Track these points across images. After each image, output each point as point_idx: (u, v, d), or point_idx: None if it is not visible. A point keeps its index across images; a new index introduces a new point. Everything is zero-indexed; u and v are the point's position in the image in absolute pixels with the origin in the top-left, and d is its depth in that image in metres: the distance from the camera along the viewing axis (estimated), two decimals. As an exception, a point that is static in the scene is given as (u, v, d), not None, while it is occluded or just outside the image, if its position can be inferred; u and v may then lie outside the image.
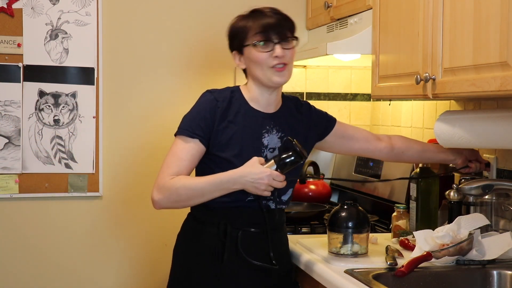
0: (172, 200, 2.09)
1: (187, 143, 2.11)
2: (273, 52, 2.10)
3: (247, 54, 2.14)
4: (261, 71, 2.13)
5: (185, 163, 2.10)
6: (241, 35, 2.14)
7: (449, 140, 2.26)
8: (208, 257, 2.13)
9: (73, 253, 3.19)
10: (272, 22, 2.11)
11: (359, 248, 2.16)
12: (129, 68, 3.22)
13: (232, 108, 2.16)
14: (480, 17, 1.87)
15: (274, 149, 2.17)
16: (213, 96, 2.16)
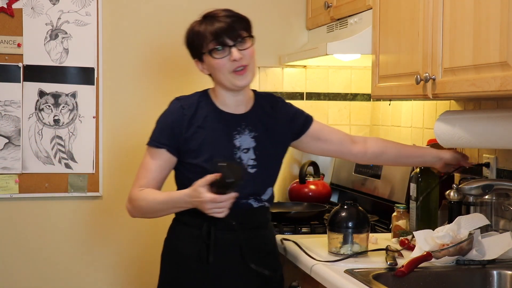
0: (137, 210, 2.17)
1: (155, 154, 2.16)
2: (230, 56, 2.09)
3: (206, 61, 2.15)
4: (222, 76, 2.13)
5: (154, 174, 2.15)
6: (197, 42, 2.14)
7: (449, 140, 2.26)
8: (194, 260, 2.13)
9: (73, 253, 3.19)
10: (223, 26, 2.09)
11: (359, 248, 2.16)
12: (129, 68, 3.22)
13: (200, 113, 2.16)
14: (480, 17, 1.87)
15: (248, 149, 2.16)
16: (180, 103, 2.18)
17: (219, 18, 2.12)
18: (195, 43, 2.15)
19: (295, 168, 3.40)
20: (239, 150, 2.15)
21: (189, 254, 2.14)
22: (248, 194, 2.15)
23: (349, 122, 3.47)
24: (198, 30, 2.14)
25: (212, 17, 2.14)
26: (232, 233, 2.12)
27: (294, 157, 3.41)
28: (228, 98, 2.19)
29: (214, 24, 2.10)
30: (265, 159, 2.19)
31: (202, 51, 2.13)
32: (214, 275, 2.12)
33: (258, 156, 2.17)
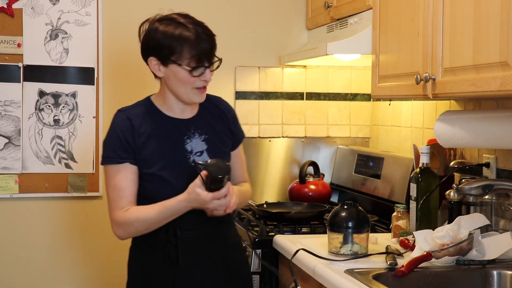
0: (131, 232, 2.13)
1: (120, 170, 2.09)
2: (203, 76, 2.07)
3: (172, 70, 2.08)
4: (183, 90, 2.10)
5: (128, 190, 2.09)
6: (170, 49, 2.05)
7: (449, 140, 2.26)
8: (162, 264, 2.11)
9: (73, 253, 3.19)
10: (207, 48, 2.06)
11: (359, 248, 2.16)
12: (129, 68, 3.22)
13: (147, 121, 2.13)
14: (480, 17, 1.87)
15: (201, 152, 2.15)
16: (125, 115, 2.14)
17: (201, 35, 2.06)
18: (168, 48, 2.06)
19: (295, 168, 3.40)
20: (191, 154, 2.14)
21: (156, 259, 2.12)
22: None
23: (349, 122, 3.47)
24: (174, 35, 2.06)
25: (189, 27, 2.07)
26: (196, 232, 2.12)
27: (294, 157, 3.41)
28: (176, 104, 2.16)
29: (200, 41, 2.05)
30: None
31: (173, 58, 2.06)
32: (183, 276, 2.11)
33: (212, 157, 2.14)
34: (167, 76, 2.11)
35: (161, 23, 2.13)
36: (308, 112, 3.43)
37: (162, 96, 2.18)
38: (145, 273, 2.14)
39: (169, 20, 2.13)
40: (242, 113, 3.32)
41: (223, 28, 3.32)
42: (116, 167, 2.09)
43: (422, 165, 2.44)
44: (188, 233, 2.11)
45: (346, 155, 3.35)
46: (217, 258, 2.15)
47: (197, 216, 2.09)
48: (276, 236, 2.57)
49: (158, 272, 2.12)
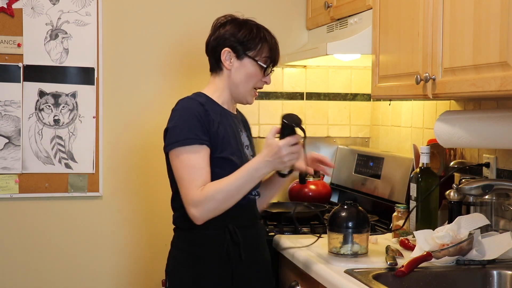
0: (211, 208, 2.07)
1: (199, 151, 2.09)
2: (265, 79, 2.24)
3: (245, 64, 2.21)
4: (245, 86, 2.22)
5: (206, 170, 2.09)
6: (251, 45, 2.20)
7: (449, 140, 2.26)
8: (221, 262, 2.13)
9: (73, 253, 3.19)
10: (278, 55, 2.27)
11: (359, 248, 2.16)
12: (129, 68, 3.22)
13: (213, 110, 2.18)
14: (480, 17, 1.87)
15: (247, 146, 2.27)
16: (196, 100, 2.16)
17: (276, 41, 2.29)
18: (250, 43, 2.20)
19: (295, 168, 3.39)
20: (243, 146, 2.24)
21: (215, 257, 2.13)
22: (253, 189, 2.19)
23: (349, 122, 3.47)
24: (258, 35, 2.22)
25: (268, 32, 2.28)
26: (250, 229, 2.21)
27: (294, 157, 3.41)
28: (229, 100, 2.26)
29: (277, 46, 2.27)
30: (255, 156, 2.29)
31: (250, 54, 2.20)
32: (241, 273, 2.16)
33: (252, 153, 2.29)
34: (236, 70, 2.22)
35: (242, 23, 2.27)
36: (308, 112, 3.43)
37: (217, 91, 2.25)
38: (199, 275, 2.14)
39: (250, 22, 2.29)
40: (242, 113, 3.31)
41: (223, 28, 3.32)
42: (196, 147, 2.09)
43: (422, 165, 2.44)
44: (244, 230, 2.17)
45: (346, 155, 3.35)
46: (261, 255, 2.25)
47: (248, 214, 2.21)
48: (276, 236, 2.58)
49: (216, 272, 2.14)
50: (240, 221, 2.17)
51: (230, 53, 2.20)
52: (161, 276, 3.28)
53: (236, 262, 2.14)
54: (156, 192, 3.25)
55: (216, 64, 2.26)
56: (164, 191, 3.23)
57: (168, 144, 2.13)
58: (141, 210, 3.25)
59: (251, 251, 2.19)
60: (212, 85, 2.26)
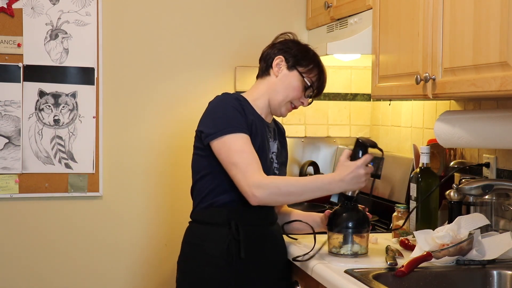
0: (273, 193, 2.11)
1: (245, 138, 2.15)
2: (303, 100, 2.33)
3: (292, 76, 2.28)
4: (283, 98, 2.29)
5: (256, 155, 2.15)
6: (306, 62, 2.29)
7: (449, 140, 2.26)
8: (222, 258, 2.17)
9: (73, 253, 3.19)
10: (323, 87, 2.38)
11: (359, 248, 2.16)
12: (129, 68, 3.22)
13: (248, 109, 2.24)
14: (480, 17, 1.87)
15: (275, 153, 2.31)
16: (233, 95, 2.24)
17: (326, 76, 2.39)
18: (306, 60, 2.29)
19: (295, 168, 3.40)
20: (270, 151, 2.30)
21: (218, 252, 2.17)
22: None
23: (349, 122, 3.47)
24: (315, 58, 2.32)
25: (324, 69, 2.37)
26: (256, 228, 2.22)
27: (294, 157, 3.41)
28: (264, 108, 2.32)
29: (325, 78, 2.38)
30: (281, 166, 2.37)
31: (301, 70, 2.28)
32: (243, 270, 2.18)
33: (278, 161, 2.34)
34: (281, 78, 2.29)
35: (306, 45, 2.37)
36: (308, 112, 3.43)
37: (256, 95, 2.31)
38: (204, 269, 2.18)
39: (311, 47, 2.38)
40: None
41: (223, 28, 3.33)
42: (242, 135, 2.14)
43: (422, 165, 2.44)
44: (250, 228, 2.19)
45: (346, 155, 3.34)
46: (270, 257, 2.25)
47: (257, 213, 2.20)
48: (276, 236, 2.57)
49: (219, 268, 2.17)
50: (248, 220, 2.19)
51: (283, 61, 2.28)
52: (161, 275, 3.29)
53: (236, 260, 2.16)
54: (157, 192, 3.25)
55: (265, 69, 2.33)
56: (164, 191, 3.25)
57: (212, 133, 2.15)
58: (141, 210, 3.24)
59: (256, 250, 2.19)
60: (254, 89, 2.34)
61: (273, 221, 2.32)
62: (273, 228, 2.32)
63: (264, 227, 2.26)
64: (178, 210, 3.19)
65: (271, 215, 2.30)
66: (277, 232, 2.34)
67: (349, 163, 2.13)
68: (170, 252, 2.36)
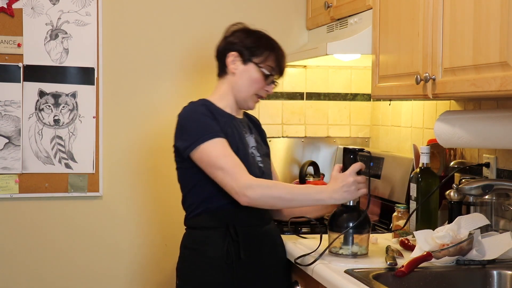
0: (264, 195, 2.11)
1: (224, 142, 2.16)
2: (267, 88, 2.30)
3: (249, 69, 2.26)
4: (247, 92, 2.28)
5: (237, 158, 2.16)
6: (258, 51, 2.26)
7: (449, 140, 2.26)
8: (222, 260, 2.18)
9: (73, 253, 3.19)
10: (284, 66, 2.32)
11: (359, 249, 2.16)
12: (129, 68, 3.22)
13: (217, 112, 2.25)
14: (480, 17, 1.87)
15: (254, 147, 2.31)
16: (200, 103, 2.25)
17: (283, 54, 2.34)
18: (258, 50, 2.25)
19: (295, 168, 3.40)
20: (249, 146, 2.29)
21: (217, 255, 2.18)
22: None
23: (349, 122, 3.47)
24: (266, 43, 2.28)
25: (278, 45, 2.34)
26: (253, 229, 2.24)
27: (294, 157, 3.41)
28: (232, 105, 2.33)
29: (283, 58, 2.32)
30: (264, 157, 2.36)
31: (255, 60, 2.25)
32: (244, 271, 2.19)
33: (261, 154, 2.34)
34: (240, 74, 2.27)
35: (253, 31, 2.33)
36: (308, 112, 3.44)
37: (221, 95, 2.31)
38: (205, 273, 2.19)
39: (261, 32, 2.34)
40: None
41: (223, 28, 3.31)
42: (222, 140, 2.16)
43: (422, 165, 2.44)
44: (247, 229, 2.21)
45: (346, 155, 3.34)
46: (269, 255, 2.26)
47: (252, 213, 2.21)
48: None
49: (219, 271, 2.18)
50: (244, 221, 2.20)
51: (237, 57, 2.26)
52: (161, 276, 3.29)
53: (236, 261, 2.17)
54: (156, 192, 3.25)
55: (222, 68, 2.32)
56: (164, 190, 3.25)
57: (189, 145, 2.15)
58: (141, 210, 3.24)
59: (255, 250, 2.21)
60: (217, 90, 2.33)
61: (269, 220, 2.33)
62: (270, 227, 2.33)
63: (261, 227, 2.27)
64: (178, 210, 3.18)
65: (267, 215, 2.32)
66: (274, 231, 2.37)
67: (338, 175, 2.14)
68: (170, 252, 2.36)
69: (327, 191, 2.12)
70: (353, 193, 2.12)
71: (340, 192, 2.11)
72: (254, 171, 2.23)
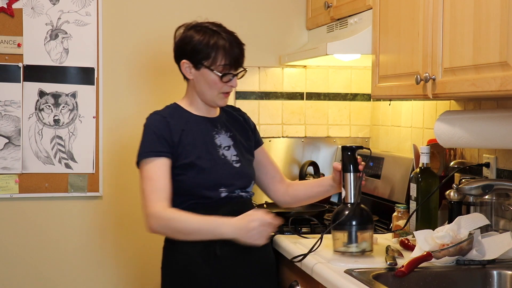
0: (166, 228, 2.17)
1: (157, 163, 2.19)
2: (231, 82, 2.23)
3: (203, 74, 2.23)
4: (211, 93, 2.25)
5: (163, 181, 2.18)
6: (205, 55, 2.20)
7: (449, 140, 2.26)
8: (200, 258, 2.19)
9: (73, 253, 3.19)
10: (238, 56, 2.22)
11: (367, 245, 2.16)
12: (129, 68, 3.22)
13: (180, 119, 2.26)
14: (480, 17, 1.87)
15: (229, 146, 2.29)
16: (159, 115, 2.27)
17: (233, 43, 2.21)
18: (202, 52, 2.20)
19: (295, 168, 3.40)
20: (220, 148, 2.28)
21: (194, 252, 2.19)
22: (238, 188, 2.26)
23: (349, 122, 3.47)
24: (210, 42, 2.19)
25: (223, 36, 2.21)
26: None
27: (294, 157, 3.41)
28: (202, 105, 2.31)
29: (233, 49, 2.20)
30: (244, 155, 2.34)
31: (206, 64, 2.21)
32: (221, 267, 2.20)
33: (238, 152, 2.31)
34: (197, 79, 2.25)
35: (196, 30, 2.25)
36: (308, 112, 3.44)
37: (189, 98, 2.32)
38: (184, 269, 2.22)
39: (205, 28, 2.25)
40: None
41: (223, 28, 3.32)
42: (151, 160, 2.19)
43: (422, 165, 2.44)
44: None
45: (346, 155, 3.34)
46: (251, 252, 2.23)
47: (230, 208, 2.22)
48: (276, 236, 2.57)
49: (197, 267, 2.19)
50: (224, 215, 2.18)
51: (188, 64, 2.25)
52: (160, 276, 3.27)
53: (213, 258, 2.19)
54: (156, 192, 3.25)
55: (183, 74, 2.32)
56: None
57: (137, 156, 2.26)
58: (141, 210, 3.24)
59: (234, 248, 2.17)
60: (186, 93, 2.36)
61: None
62: None
63: None
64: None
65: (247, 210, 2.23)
66: None
67: (250, 213, 2.13)
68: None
69: (231, 227, 2.10)
70: (255, 239, 2.10)
71: (243, 231, 2.09)
72: (225, 174, 2.23)
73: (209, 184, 2.21)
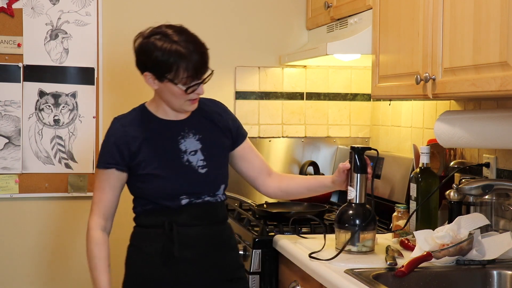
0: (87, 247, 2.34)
1: (105, 175, 2.21)
2: (197, 91, 2.13)
3: (167, 86, 2.12)
4: (177, 102, 2.16)
5: (109, 194, 2.22)
6: (166, 68, 2.08)
7: (449, 140, 2.26)
8: (159, 259, 2.18)
9: (73, 253, 3.19)
10: (200, 66, 2.10)
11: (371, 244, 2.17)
12: (129, 68, 3.21)
13: (142, 126, 2.21)
14: (480, 17, 1.87)
15: (195, 151, 2.21)
16: (119, 122, 2.23)
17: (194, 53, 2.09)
18: (163, 66, 2.09)
19: (295, 168, 3.40)
20: (185, 153, 2.20)
21: (154, 252, 2.19)
22: (204, 193, 2.21)
23: (349, 122, 3.47)
24: (170, 54, 2.08)
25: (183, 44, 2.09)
26: (193, 229, 2.19)
27: (294, 157, 3.41)
28: (170, 110, 2.22)
29: (194, 58, 2.08)
30: (213, 159, 2.23)
31: (169, 77, 2.09)
32: (180, 271, 2.18)
33: (206, 156, 2.22)
34: (161, 90, 2.17)
35: (156, 40, 2.14)
36: (308, 112, 3.44)
37: (156, 103, 2.25)
38: (143, 269, 2.21)
39: (164, 36, 2.13)
40: (242, 113, 3.32)
41: (223, 28, 3.33)
42: (101, 171, 2.21)
43: (422, 165, 2.44)
44: (184, 228, 2.18)
45: (346, 155, 3.34)
46: (213, 257, 2.21)
47: (192, 213, 2.19)
48: (276, 236, 2.57)
49: (155, 268, 2.18)
50: (184, 220, 2.18)
51: (151, 76, 2.15)
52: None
53: (172, 259, 2.17)
54: (156, 192, 3.25)
55: None
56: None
57: None
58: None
59: (194, 250, 2.17)
60: (154, 97, 2.26)
61: (215, 221, 2.24)
62: (217, 228, 2.24)
63: (203, 227, 2.20)
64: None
65: (213, 215, 2.23)
66: (223, 231, 2.27)
67: None
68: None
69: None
70: None
71: None
72: (187, 182, 2.18)
73: (167, 193, 2.17)
